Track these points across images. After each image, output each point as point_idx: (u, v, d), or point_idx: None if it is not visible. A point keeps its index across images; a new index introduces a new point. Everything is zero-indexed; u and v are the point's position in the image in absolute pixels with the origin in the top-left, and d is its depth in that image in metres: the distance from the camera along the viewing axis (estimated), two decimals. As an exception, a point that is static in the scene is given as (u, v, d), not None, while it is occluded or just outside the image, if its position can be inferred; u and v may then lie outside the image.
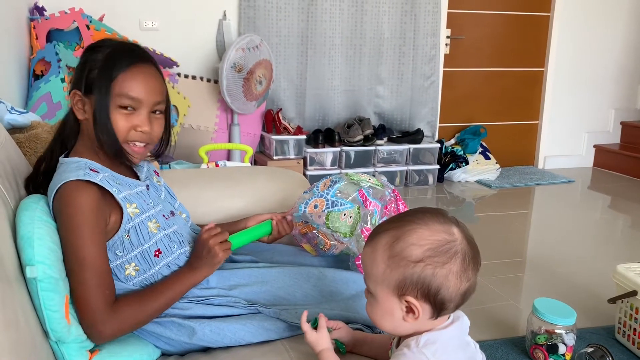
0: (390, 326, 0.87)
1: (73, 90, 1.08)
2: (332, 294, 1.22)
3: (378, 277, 0.84)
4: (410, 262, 0.81)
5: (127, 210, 1.06)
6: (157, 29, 3.48)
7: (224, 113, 3.48)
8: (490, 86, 4.39)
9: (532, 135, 4.60)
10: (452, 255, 0.81)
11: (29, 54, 2.79)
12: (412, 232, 0.83)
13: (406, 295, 0.82)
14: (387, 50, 3.97)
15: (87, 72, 1.06)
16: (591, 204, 3.83)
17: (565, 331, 1.69)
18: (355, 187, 1.28)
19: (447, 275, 0.81)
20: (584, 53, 4.47)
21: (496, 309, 2.13)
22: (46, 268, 0.92)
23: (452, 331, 0.85)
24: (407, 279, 0.81)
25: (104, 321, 0.99)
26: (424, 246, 0.81)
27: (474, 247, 0.85)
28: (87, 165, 1.05)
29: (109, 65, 1.06)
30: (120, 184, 1.08)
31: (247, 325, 1.11)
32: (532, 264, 2.63)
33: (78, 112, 1.08)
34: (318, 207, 1.26)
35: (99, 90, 1.05)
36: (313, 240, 1.30)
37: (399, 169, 3.89)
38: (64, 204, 0.99)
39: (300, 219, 1.29)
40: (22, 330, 0.84)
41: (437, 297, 0.81)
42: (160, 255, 1.11)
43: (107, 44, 1.10)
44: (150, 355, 1.11)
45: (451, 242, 0.82)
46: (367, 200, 1.26)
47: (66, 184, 1.00)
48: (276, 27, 3.69)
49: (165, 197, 1.24)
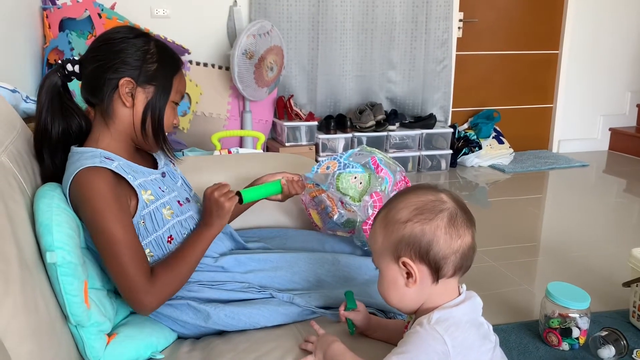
0: (396, 297, 0.89)
1: (124, 78, 1.06)
2: (345, 279, 1.23)
3: (379, 249, 0.89)
4: (401, 224, 0.85)
5: (142, 197, 1.08)
6: (169, 17, 3.48)
7: (236, 100, 3.48)
8: (504, 70, 4.34)
9: (547, 119, 4.55)
10: (438, 212, 0.85)
11: (42, 43, 2.81)
12: (401, 200, 0.89)
13: (402, 258, 0.85)
14: (398, 35, 3.93)
15: (143, 63, 1.07)
16: (606, 187, 3.79)
17: (579, 315, 1.69)
18: (369, 154, 1.31)
19: (434, 231, 0.84)
20: (599, 35, 4.40)
21: (510, 294, 2.13)
22: (65, 254, 0.94)
23: (463, 309, 0.86)
24: (400, 241, 0.85)
25: (146, 291, 1.02)
26: (411, 207, 0.86)
27: (464, 207, 0.88)
28: (102, 154, 1.06)
29: (168, 60, 1.12)
30: (136, 171, 1.10)
31: (261, 309, 1.13)
32: (546, 248, 2.62)
33: (126, 99, 1.08)
34: (330, 169, 1.28)
35: (162, 84, 1.10)
36: (320, 205, 1.30)
37: (412, 155, 3.88)
38: (82, 190, 1.01)
39: (312, 180, 1.30)
40: (42, 314, 0.86)
41: (430, 255, 0.84)
42: (172, 241, 1.13)
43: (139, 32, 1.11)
44: (167, 338, 1.13)
45: (436, 201, 0.86)
46: (378, 167, 1.27)
47: (82, 171, 1.01)
48: (287, 13, 3.67)
49: (181, 184, 1.25)
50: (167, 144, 1.15)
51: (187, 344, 1.13)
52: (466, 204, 0.90)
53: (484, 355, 0.86)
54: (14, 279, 0.79)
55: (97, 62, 1.08)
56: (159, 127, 1.12)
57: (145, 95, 1.09)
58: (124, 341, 1.05)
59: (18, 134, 1.09)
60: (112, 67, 1.07)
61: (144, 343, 1.07)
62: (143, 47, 1.09)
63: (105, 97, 1.08)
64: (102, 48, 1.09)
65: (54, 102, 1.10)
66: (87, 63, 1.09)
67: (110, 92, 1.07)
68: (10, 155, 1.00)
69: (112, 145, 1.10)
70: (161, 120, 1.12)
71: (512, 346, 1.74)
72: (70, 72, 1.10)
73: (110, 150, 1.09)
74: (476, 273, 2.29)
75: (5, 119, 1.07)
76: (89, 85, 1.10)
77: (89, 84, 1.10)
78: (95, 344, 0.99)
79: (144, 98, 1.09)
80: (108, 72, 1.07)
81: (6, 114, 1.11)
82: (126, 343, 1.05)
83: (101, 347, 1.01)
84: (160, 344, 1.11)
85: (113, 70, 1.07)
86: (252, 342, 1.07)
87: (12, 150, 1.02)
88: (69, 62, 1.10)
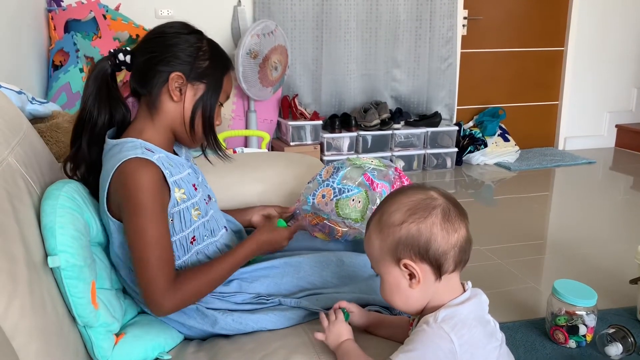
0: (401, 300, 0.89)
1: (175, 72, 1.06)
2: (350, 278, 1.22)
3: (377, 255, 0.89)
4: (396, 227, 0.85)
5: (174, 195, 1.07)
6: (173, 17, 3.49)
7: (241, 100, 3.49)
8: (509, 67, 4.33)
9: (552, 116, 4.53)
10: (431, 209, 0.85)
11: (48, 45, 2.83)
12: (392, 203, 0.89)
13: (402, 260, 0.85)
14: (403, 33, 3.93)
15: (195, 59, 1.07)
16: (613, 184, 3.77)
17: (586, 312, 1.68)
18: (360, 170, 1.28)
19: (430, 228, 0.84)
20: (604, 31, 4.37)
21: (516, 291, 2.12)
22: (69, 257, 0.93)
23: (469, 306, 0.86)
24: (398, 244, 0.85)
25: (165, 295, 1.01)
26: (403, 208, 0.86)
27: (454, 201, 0.89)
28: (142, 145, 1.05)
29: (219, 59, 1.12)
30: (173, 165, 1.09)
31: (268, 314, 1.13)
32: (552, 246, 2.61)
33: (174, 94, 1.07)
34: (326, 197, 1.26)
35: (214, 82, 1.10)
36: (325, 230, 1.30)
37: (417, 153, 3.87)
38: (126, 182, 1.00)
39: (310, 210, 1.29)
40: (50, 315, 0.86)
41: (430, 252, 0.84)
42: (194, 242, 1.13)
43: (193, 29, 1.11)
44: (174, 339, 1.13)
45: (427, 199, 0.87)
46: (373, 183, 1.25)
47: (127, 162, 1.00)
48: (291, 12, 3.67)
49: (202, 180, 1.24)
50: (217, 143, 1.16)
51: (193, 344, 1.13)
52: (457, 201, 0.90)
53: (490, 353, 0.86)
54: (22, 280, 0.80)
55: (150, 53, 1.08)
56: (209, 125, 1.12)
57: (194, 92, 1.09)
58: (132, 341, 1.06)
59: (24, 135, 1.10)
60: (164, 60, 1.07)
61: (151, 343, 1.07)
62: (196, 44, 1.09)
63: (154, 88, 1.08)
64: (156, 40, 1.09)
65: (102, 90, 1.09)
66: (139, 54, 1.09)
67: (159, 84, 1.07)
68: (17, 156, 1.00)
69: (154, 137, 1.09)
70: (212, 118, 1.12)
71: (518, 344, 1.74)
72: (121, 61, 1.09)
73: (153, 141, 1.08)
74: (483, 271, 2.29)
75: (11, 120, 1.08)
76: (139, 75, 1.10)
77: (140, 75, 1.10)
78: (103, 343, 1.00)
79: (192, 95, 1.09)
80: (159, 65, 1.07)
81: (12, 115, 1.11)
82: (134, 343, 1.05)
83: (109, 347, 1.01)
84: (167, 344, 1.11)
85: (165, 63, 1.06)
86: (258, 343, 1.07)
87: (19, 151, 1.03)
88: (120, 51, 1.09)
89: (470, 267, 2.26)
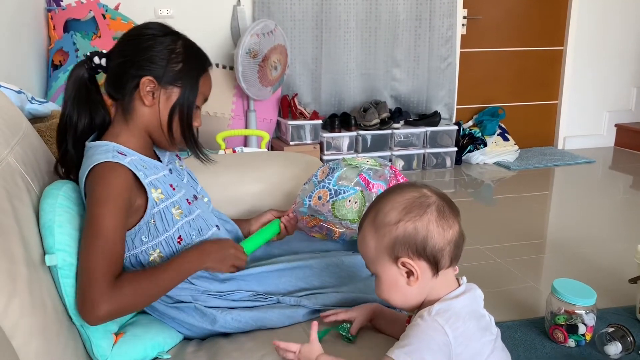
0: (399, 298, 0.90)
1: (146, 76, 1.05)
2: (349, 278, 1.22)
3: (372, 254, 0.89)
4: (392, 226, 0.86)
5: (152, 196, 1.06)
6: (172, 17, 3.49)
7: (240, 99, 3.49)
8: (508, 66, 4.33)
9: (552, 116, 4.53)
10: (426, 207, 0.87)
11: (47, 44, 2.83)
12: (386, 202, 0.89)
13: (400, 258, 0.86)
14: (402, 33, 3.93)
15: (168, 62, 1.06)
16: (612, 184, 3.77)
17: (585, 311, 1.69)
18: (356, 171, 1.27)
19: (427, 226, 0.85)
20: (604, 30, 4.37)
21: (515, 291, 2.12)
22: (66, 256, 0.93)
23: (463, 300, 0.88)
24: (395, 243, 0.86)
25: (101, 294, 0.92)
26: (399, 207, 0.87)
27: (447, 198, 0.90)
28: (115, 148, 1.05)
29: (194, 61, 1.10)
30: (147, 167, 1.08)
31: (267, 312, 1.13)
32: (552, 245, 2.61)
33: (146, 98, 1.06)
34: (322, 198, 1.25)
35: (189, 85, 1.08)
36: (322, 231, 1.29)
37: (416, 152, 3.87)
38: (96, 182, 1.00)
39: (306, 212, 1.28)
40: (49, 314, 0.86)
41: (427, 249, 0.85)
42: (181, 242, 1.12)
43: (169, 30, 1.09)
44: (173, 339, 1.13)
45: (421, 197, 0.88)
46: (369, 184, 1.25)
47: (98, 166, 1.00)
48: (290, 12, 3.67)
49: (187, 181, 1.24)
50: (197, 145, 1.14)
51: (192, 344, 1.13)
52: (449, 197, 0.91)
53: (485, 347, 0.87)
54: (21, 279, 0.80)
55: (123, 57, 1.07)
56: (187, 128, 1.10)
57: (168, 95, 1.08)
58: (131, 340, 1.06)
59: (24, 135, 1.10)
60: (136, 64, 1.06)
61: (151, 343, 1.07)
62: (169, 46, 1.07)
63: (127, 93, 1.07)
64: (130, 43, 1.08)
65: (81, 94, 1.09)
66: (114, 57, 1.09)
67: (132, 88, 1.06)
68: (17, 156, 1.00)
69: (130, 141, 1.09)
70: (189, 121, 1.10)
71: (518, 343, 1.74)
72: (97, 65, 1.09)
73: (128, 145, 1.08)
74: (482, 270, 2.29)
75: (11, 120, 1.08)
76: (113, 79, 1.09)
77: (113, 78, 1.09)
78: (102, 343, 1.00)
79: (166, 98, 1.07)
80: (132, 69, 1.06)
81: (12, 114, 1.11)
82: (133, 342, 1.06)
83: (108, 346, 1.01)
84: (167, 343, 1.11)
85: (137, 67, 1.06)
86: (258, 342, 1.07)
87: (19, 150, 1.03)
88: (96, 54, 1.08)
89: (470, 266, 2.27)
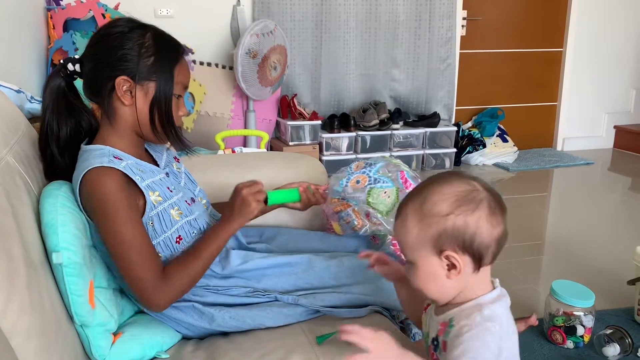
0: (435, 289, 0.87)
1: (120, 77, 1.03)
2: (349, 279, 1.22)
3: (413, 242, 0.85)
4: (441, 217, 0.82)
5: (149, 198, 1.06)
6: (172, 16, 3.49)
7: (240, 99, 3.49)
8: (508, 68, 4.33)
9: (551, 117, 4.54)
10: (478, 202, 0.83)
11: (47, 43, 2.82)
12: (434, 191, 0.85)
13: (445, 251, 0.83)
14: (402, 33, 3.93)
15: (140, 58, 1.04)
16: (611, 185, 3.77)
17: (584, 313, 1.69)
18: (396, 168, 1.29)
19: (477, 222, 0.82)
20: (603, 32, 4.38)
21: (514, 292, 2.12)
22: (71, 254, 0.94)
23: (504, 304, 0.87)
24: (442, 235, 0.82)
25: (155, 291, 1.02)
26: (450, 199, 0.83)
27: (496, 194, 0.86)
28: (111, 152, 1.05)
29: (165, 52, 1.07)
30: (143, 171, 1.08)
31: (265, 311, 1.13)
32: (550, 246, 2.61)
33: (125, 98, 1.05)
34: (360, 182, 1.27)
35: (164, 77, 1.06)
36: (345, 220, 1.29)
37: (416, 153, 3.87)
38: (92, 190, 1.00)
39: (339, 194, 1.28)
40: (48, 313, 0.86)
41: (474, 245, 0.82)
42: (181, 241, 1.12)
43: (136, 24, 1.07)
44: (172, 338, 1.13)
45: (474, 190, 0.84)
46: (407, 182, 1.26)
47: (91, 171, 1.00)
48: (290, 12, 3.67)
49: (185, 183, 1.23)
50: (180, 139, 1.12)
51: (191, 343, 1.13)
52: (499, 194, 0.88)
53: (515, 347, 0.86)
54: (20, 279, 0.80)
55: (95, 60, 1.06)
56: (168, 121, 1.08)
57: (145, 91, 1.06)
58: (130, 340, 1.06)
59: (23, 134, 1.10)
60: (108, 65, 1.04)
61: (149, 342, 1.08)
62: (138, 41, 1.04)
63: (105, 96, 1.06)
64: (99, 45, 1.07)
65: (59, 103, 1.09)
66: (86, 61, 1.07)
67: (109, 91, 1.05)
68: (16, 155, 1.00)
69: (119, 143, 1.08)
70: (169, 114, 1.08)
71: (516, 344, 1.74)
72: (72, 71, 1.08)
73: (119, 147, 1.07)
74: (480, 271, 2.29)
75: (10, 119, 1.08)
76: (89, 84, 1.08)
77: (89, 84, 1.08)
78: (100, 342, 1.00)
79: (143, 95, 1.06)
80: (105, 71, 1.04)
81: (11, 114, 1.11)
82: (132, 342, 1.06)
83: (107, 346, 1.01)
84: (165, 343, 1.11)
85: (110, 68, 1.04)
86: (256, 341, 1.07)
87: (18, 150, 1.03)
88: (69, 61, 1.08)
89: (469, 268, 2.27)
